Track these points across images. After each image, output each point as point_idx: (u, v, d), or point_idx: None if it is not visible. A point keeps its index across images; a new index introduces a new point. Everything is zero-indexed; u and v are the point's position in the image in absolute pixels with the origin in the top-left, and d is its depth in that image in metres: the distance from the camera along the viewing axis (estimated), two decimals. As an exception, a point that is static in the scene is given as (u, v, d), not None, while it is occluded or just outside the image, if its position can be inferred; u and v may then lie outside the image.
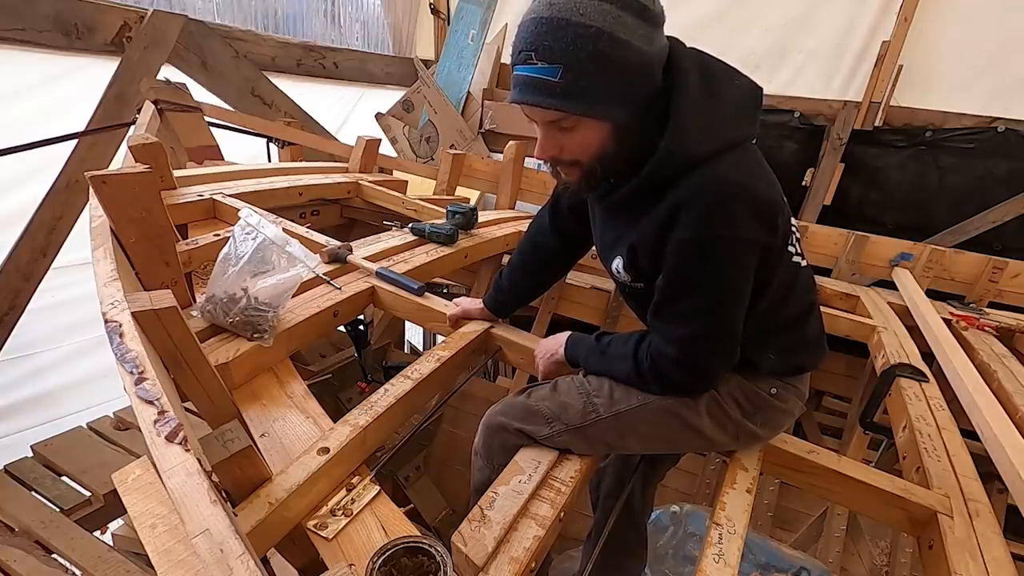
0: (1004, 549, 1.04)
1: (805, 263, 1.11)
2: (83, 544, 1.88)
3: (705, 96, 0.92)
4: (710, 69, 0.95)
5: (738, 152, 0.94)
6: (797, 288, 1.08)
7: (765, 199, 0.92)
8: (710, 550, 0.97)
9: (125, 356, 0.80)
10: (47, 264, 2.70)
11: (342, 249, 1.65)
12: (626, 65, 0.86)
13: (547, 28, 0.84)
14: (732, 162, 0.91)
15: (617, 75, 0.86)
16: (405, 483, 2.51)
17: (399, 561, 0.78)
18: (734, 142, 0.93)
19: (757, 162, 0.98)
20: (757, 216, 0.91)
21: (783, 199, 1.00)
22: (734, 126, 0.94)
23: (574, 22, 0.82)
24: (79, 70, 2.60)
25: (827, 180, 3.25)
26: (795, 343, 1.11)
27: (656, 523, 1.96)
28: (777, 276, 1.02)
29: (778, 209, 0.95)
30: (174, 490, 0.66)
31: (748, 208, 0.90)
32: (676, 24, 3.55)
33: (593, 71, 0.85)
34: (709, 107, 0.92)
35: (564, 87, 0.86)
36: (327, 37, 4.05)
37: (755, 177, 0.94)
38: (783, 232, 0.98)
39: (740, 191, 0.90)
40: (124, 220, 1.15)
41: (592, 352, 1.16)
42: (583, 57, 0.83)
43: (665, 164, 0.91)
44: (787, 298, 1.06)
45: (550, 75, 0.86)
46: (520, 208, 3.00)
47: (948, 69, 3.01)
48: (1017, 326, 2.13)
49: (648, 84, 0.90)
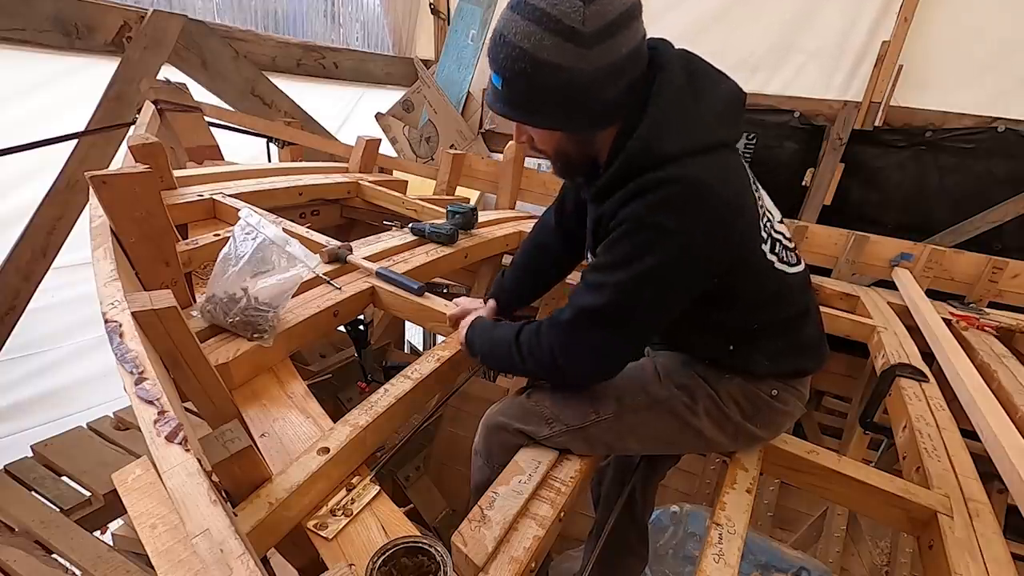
0: (1004, 549, 1.04)
1: (796, 269, 1.09)
2: (83, 544, 1.88)
3: (685, 97, 0.92)
4: (695, 71, 0.96)
5: (712, 155, 0.93)
6: (784, 294, 1.07)
7: (726, 204, 0.91)
8: (710, 550, 0.97)
9: (125, 356, 0.80)
10: (47, 264, 2.70)
11: (342, 249, 1.65)
12: (548, 86, 0.89)
13: (495, 40, 0.91)
14: (703, 163, 0.91)
15: (544, 93, 0.91)
16: (405, 483, 2.51)
17: (399, 561, 0.78)
18: (710, 144, 0.93)
19: (730, 167, 0.97)
20: (713, 220, 0.90)
21: (754, 207, 0.99)
22: (713, 129, 0.94)
23: (508, 40, 0.88)
24: (79, 70, 2.60)
25: (827, 180, 3.25)
26: (789, 347, 1.10)
27: (656, 523, 1.96)
28: (750, 283, 1.01)
29: (740, 217, 0.94)
30: (174, 490, 0.66)
31: (704, 208, 0.89)
32: (677, 24, 3.56)
33: (521, 88, 0.91)
34: (688, 108, 0.92)
35: (507, 96, 0.94)
36: (327, 37, 4.05)
37: (723, 182, 0.92)
38: (745, 240, 0.97)
39: (700, 190, 0.89)
40: (124, 220, 1.15)
41: (483, 333, 1.21)
42: (513, 74, 0.90)
43: (635, 158, 0.93)
44: (771, 304, 1.06)
45: (498, 83, 0.94)
46: (520, 208, 3.00)
47: (948, 69, 3.00)
48: (1017, 326, 2.13)
49: (583, 100, 0.91)
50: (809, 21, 3.23)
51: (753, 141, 3.35)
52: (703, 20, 3.37)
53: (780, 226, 1.09)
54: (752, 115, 3.36)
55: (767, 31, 3.31)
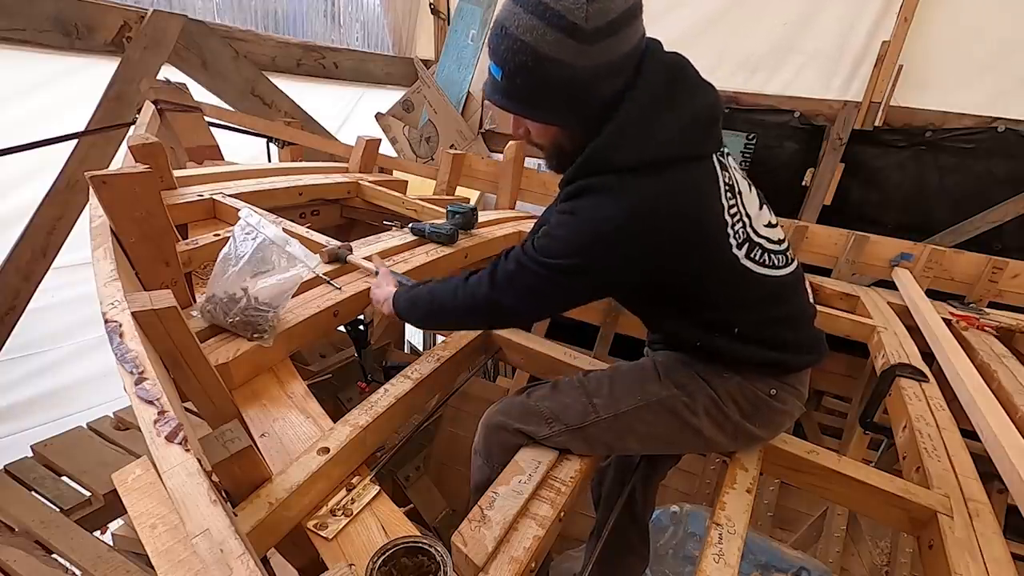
0: (1004, 549, 1.04)
1: (783, 271, 1.08)
2: (83, 544, 1.87)
3: (657, 107, 0.92)
4: (679, 79, 0.95)
5: (668, 169, 0.92)
6: (765, 296, 1.06)
7: (672, 216, 0.92)
8: (710, 550, 0.97)
9: (125, 356, 0.80)
10: (47, 264, 2.70)
11: (342, 249, 1.65)
12: (547, 80, 0.90)
13: (496, 31, 0.91)
14: (654, 177, 0.91)
15: (543, 87, 0.91)
16: (405, 483, 2.51)
17: (399, 561, 0.78)
18: (671, 157, 0.92)
19: (682, 183, 0.94)
20: (647, 231, 0.91)
21: (719, 216, 0.97)
22: (677, 144, 0.93)
23: (510, 32, 0.88)
24: (79, 70, 2.60)
25: (827, 180, 3.25)
26: (781, 344, 1.09)
27: (656, 523, 1.96)
28: (721, 286, 1.02)
29: (682, 228, 0.93)
30: (174, 490, 0.66)
31: (642, 219, 0.90)
32: (677, 25, 3.56)
33: (520, 81, 0.92)
34: (652, 120, 0.92)
35: (505, 88, 0.95)
36: (327, 37, 4.05)
37: (671, 195, 0.92)
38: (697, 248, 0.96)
39: (645, 203, 0.90)
40: (124, 220, 1.15)
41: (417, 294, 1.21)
42: (513, 67, 0.90)
43: (586, 164, 0.95)
44: (751, 306, 1.06)
45: (496, 75, 0.95)
46: (520, 208, 3.00)
47: (948, 69, 3.00)
48: (1017, 326, 2.12)
49: (583, 96, 0.92)
50: (809, 22, 3.23)
51: (753, 141, 3.34)
52: (704, 20, 3.37)
53: (767, 230, 1.06)
54: (752, 115, 3.36)
55: (767, 32, 3.31)
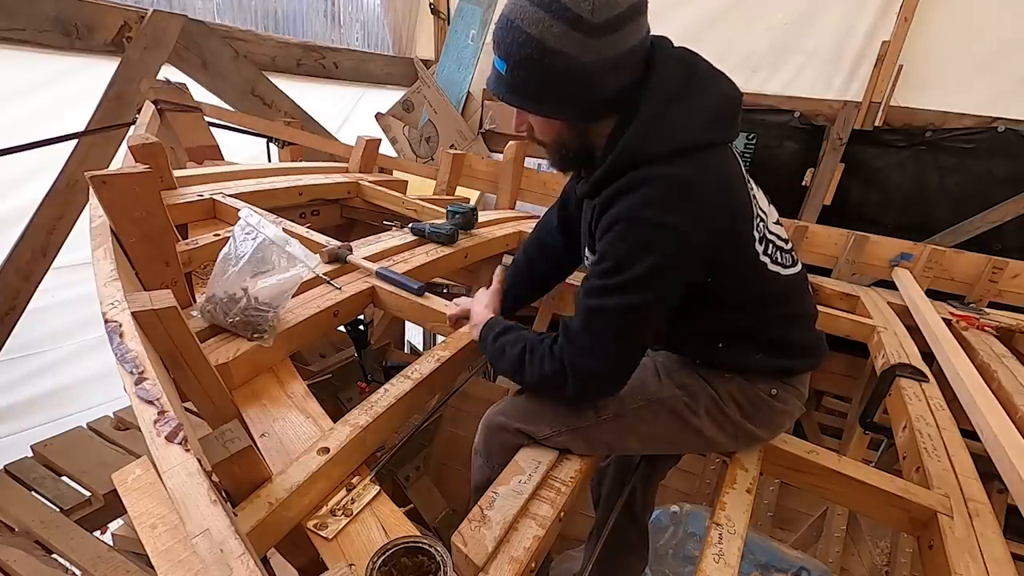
0: (1004, 549, 1.04)
1: (791, 271, 1.09)
2: (83, 544, 1.88)
3: (678, 97, 0.93)
4: (693, 70, 0.96)
5: (699, 155, 0.92)
6: (777, 295, 1.07)
7: (711, 196, 0.92)
8: (710, 550, 0.97)
9: (125, 356, 0.80)
10: (47, 264, 2.70)
11: (342, 249, 1.65)
12: (553, 73, 0.89)
13: (502, 24, 0.91)
14: (688, 162, 0.91)
15: (548, 80, 0.91)
16: (405, 483, 2.51)
17: (399, 561, 0.78)
18: (700, 144, 0.93)
19: (718, 165, 0.95)
20: (699, 211, 0.90)
21: (748, 205, 0.99)
22: (702, 129, 0.94)
23: (515, 25, 0.88)
24: (79, 70, 2.60)
25: (827, 180, 3.25)
26: (784, 346, 1.10)
27: (656, 523, 1.96)
28: (741, 283, 1.02)
29: (729, 209, 0.95)
30: (174, 490, 0.66)
31: (689, 201, 0.90)
32: (677, 24, 3.56)
33: (526, 74, 0.91)
34: (679, 109, 0.92)
35: (510, 81, 0.94)
36: (327, 37, 4.05)
37: (707, 178, 0.92)
38: (738, 233, 0.97)
39: (683, 185, 0.90)
40: (124, 220, 1.15)
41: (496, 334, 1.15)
42: (520, 59, 0.90)
43: (625, 157, 0.94)
44: (764, 304, 1.06)
45: (501, 69, 0.94)
46: (520, 208, 3.00)
47: (948, 69, 3.00)
48: (1017, 326, 2.12)
49: (587, 90, 0.92)
50: (809, 21, 3.23)
51: (753, 141, 3.34)
52: (704, 19, 3.37)
53: (776, 227, 1.08)
54: (752, 115, 3.35)
55: (767, 31, 3.31)
